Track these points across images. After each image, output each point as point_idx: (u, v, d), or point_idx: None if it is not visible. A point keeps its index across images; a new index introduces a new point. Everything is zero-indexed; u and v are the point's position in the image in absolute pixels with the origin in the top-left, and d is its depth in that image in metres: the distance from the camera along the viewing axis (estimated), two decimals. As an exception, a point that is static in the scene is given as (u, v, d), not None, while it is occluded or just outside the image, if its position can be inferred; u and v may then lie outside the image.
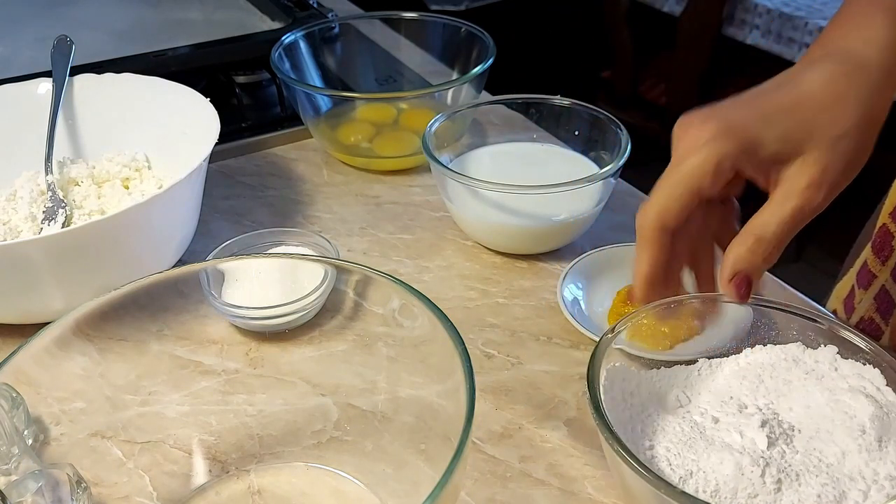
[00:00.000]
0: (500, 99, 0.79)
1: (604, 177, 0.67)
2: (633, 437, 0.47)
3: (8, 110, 0.74)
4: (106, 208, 0.70)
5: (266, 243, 0.67)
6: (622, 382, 0.49)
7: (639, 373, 0.51)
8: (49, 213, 0.68)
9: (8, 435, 0.44)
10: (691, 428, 0.47)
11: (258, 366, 0.54)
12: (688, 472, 0.44)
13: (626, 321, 0.50)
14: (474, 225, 0.70)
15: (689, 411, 0.48)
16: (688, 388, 0.50)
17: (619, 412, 0.48)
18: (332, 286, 0.56)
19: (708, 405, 0.48)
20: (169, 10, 1.07)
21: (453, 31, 0.90)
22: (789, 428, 0.46)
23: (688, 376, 0.51)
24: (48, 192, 0.70)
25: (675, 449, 0.46)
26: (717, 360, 0.52)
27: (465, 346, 0.42)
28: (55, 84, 0.75)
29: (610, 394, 0.48)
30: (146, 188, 0.72)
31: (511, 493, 0.51)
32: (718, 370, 0.51)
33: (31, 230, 0.67)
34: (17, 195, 0.70)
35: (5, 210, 0.69)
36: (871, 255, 0.68)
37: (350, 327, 0.54)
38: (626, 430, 0.47)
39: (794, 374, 0.50)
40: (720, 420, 0.47)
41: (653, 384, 0.50)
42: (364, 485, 0.50)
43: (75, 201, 0.70)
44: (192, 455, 0.51)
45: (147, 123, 0.74)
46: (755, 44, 1.85)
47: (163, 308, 0.51)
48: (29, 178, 0.72)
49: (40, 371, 0.45)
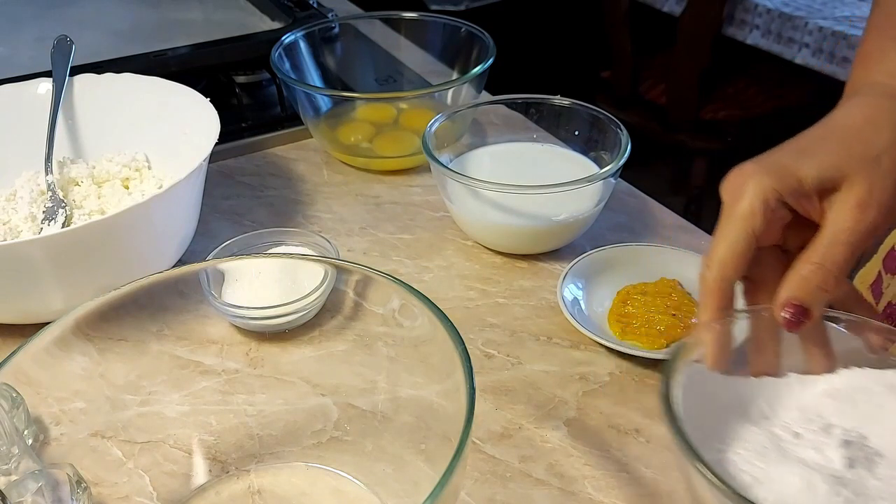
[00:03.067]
0: (500, 99, 0.79)
1: (604, 177, 0.67)
2: (704, 438, 0.44)
3: (8, 110, 0.74)
4: (106, 208, 0.70)
5: (266, 243, 0.67)
6: (702, 384, 0.46)
7: (724, 378, 0.48)
8: (49, 213, 0.68)
9: (8, 435, 0.44)
10: (767, 438, 0.45)
11: (258, 366, 0.54)
12: (754, 479, 0.43)
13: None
14: (474, 225, 0.70)
15: (769, 423, 0.46)
16: (773, 400, 0.48)
17: (694, 412, 0.45)
18: (332, 286, 0.56)
19: (791, 420, 0.46)
20: (169, 10, 1.07)
21: (453, 31, 0.91)
22: (874, 453, 0.44)
23: (775, 388, 0.48)
24: (48, 192, 0.70)
25: (746, 455, 0.44)
26: (808, 377, 0.49)
27: (465, 346, 0.42)
28: (55, 84, 0.75)
29: (688, 394, 0.45)
30: (146, 188, 0.72)
31: (511, 493, 0.51)
32: (809, 387, 0.48)
33: (32, 230, 0.67)
34: (18, 195, 0.70)
35: (5, 210, 0.69)
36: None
37: (350, 327, 0.54)
38: (697, 431, 0.44)
39: (890, 400, 0.47)
40: (801, 436, 0.45)
41: (735, 390, 0.48)
42: (364, 485, 0.50)
43: (75, 201, 0.70)
44: (192, 455, 0.51)
45: (147, 123, 0.74)
46: (755, 44, 1.85)
47: (163, 308, 0.51)
48: (29, 178, 0.72)
49: (40, 371, 0.45)
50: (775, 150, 0.49)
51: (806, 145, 0.48)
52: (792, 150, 0.48)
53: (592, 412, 0.56)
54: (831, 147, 0.47)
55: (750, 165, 0.47)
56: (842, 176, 0.46)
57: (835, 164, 0.46)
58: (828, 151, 0.47)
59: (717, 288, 0.47)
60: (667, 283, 0.63)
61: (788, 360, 0.49)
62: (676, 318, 0.60)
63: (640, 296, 0.62)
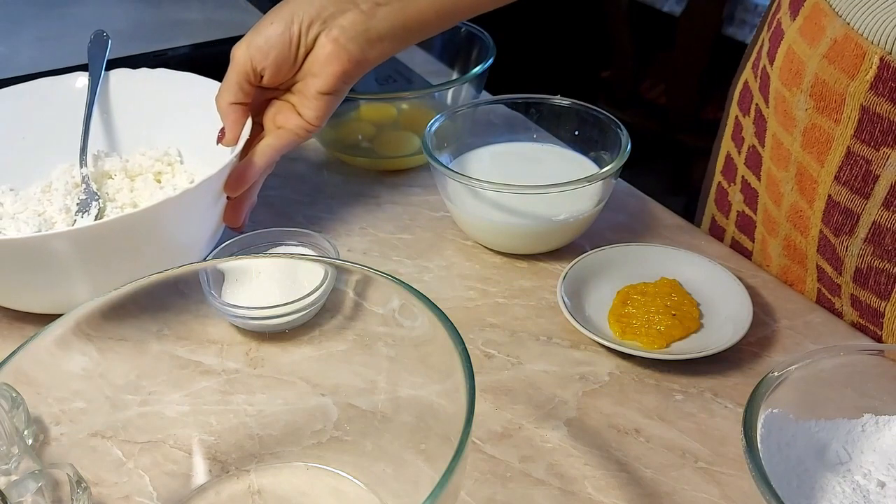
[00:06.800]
0: (500, 99, 0.79)
1: (604, 177, 0.67)
2: (790, 493, 0.44)
3: (45, 104, 0.75)
4: (138, 201, 0.70)
5: (266, 243, 0.67)
6: (779, 432, 0.46)
7: (797, 422, 0.47)
8: (83, 205, 0.69)
9: (8, 435, 0.44)
10: (853, 491, 0.44)
11: (258, 366, 0.54)
12: None
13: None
14: (474, 225, 0.70)
15: (849, 469, 0.46)
16: (849, 443, 0.47)
17: (775, 464, 0.44)
18: (332, 286, 0.56)
19: (872, 466, 0.46)
20: (169, 10, 1.07)
21: (453, 31, 0.90)
22: None
23: (850, 431, 0.48)
24: (82, 185, 0.71)
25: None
26: (884, 418, 0.48)
27: (465, 346, 0.42)
28: (91, 78, 0.76)
29: (766, 443, 0.44)
30: (178, 182, 0.73)
31: (511, 493, 0.51)
32: (886, 428, 0.47)
33: (65, 221, 0.68)
34: (53, 187, 0.72)
35: (41, 201, 0.70)
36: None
37: (350, 327, 0.54)
38: (783, 485, 0.44)
39: None
40: (887, 485, 0.45)
41: (811, 435, 0.47)
42: (364, 485, 0.50)
43: (108, 194, 0.71)
44: (192, 455, 0.51)
45: (180, 118, 0.75)
46: (755, 44, 1.85)
47: (163, 308, 0.51)
48: (64, 170, 0.73)
49: (40, 371, 0.45)
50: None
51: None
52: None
53: (592, 412, 0.56)
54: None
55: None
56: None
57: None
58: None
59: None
60: (667, 283, 0.63)
61: (862, 402, 0.49)
62: (676, 318, 0.61)
63: (640, 296, 0.62)
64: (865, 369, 0.49)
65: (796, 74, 0.62)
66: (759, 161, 0.70)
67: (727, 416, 0.56)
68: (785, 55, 0.63)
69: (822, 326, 0.63)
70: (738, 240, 0.76)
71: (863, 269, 0.61)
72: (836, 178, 0.60)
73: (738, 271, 0.66)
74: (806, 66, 0.60)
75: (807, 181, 0.63)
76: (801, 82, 0.61)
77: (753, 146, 0.71)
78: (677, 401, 0.57)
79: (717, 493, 0.51)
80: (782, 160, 0.65)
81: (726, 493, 0.51)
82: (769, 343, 0.61)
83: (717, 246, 0.72)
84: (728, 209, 0.77)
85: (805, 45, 0.61)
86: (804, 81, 0.60)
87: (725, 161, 0.78)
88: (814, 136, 0.61)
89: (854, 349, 0.49)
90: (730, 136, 0.77)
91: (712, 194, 0.81)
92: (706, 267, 0.65)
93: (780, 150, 0.65)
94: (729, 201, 0.77)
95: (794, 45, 0.62)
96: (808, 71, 0.60)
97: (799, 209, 0.65)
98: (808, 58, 0.60)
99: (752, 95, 0.72)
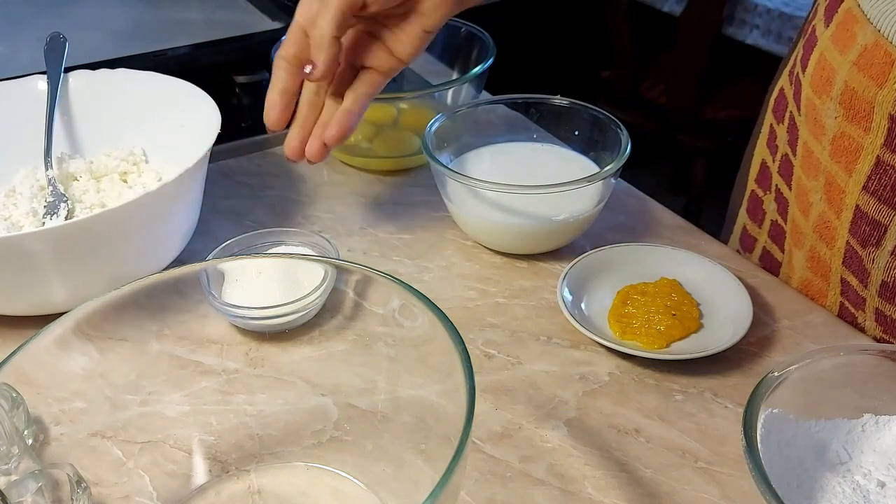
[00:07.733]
0: (500, 99, 0.79)
1: (604, 177, 0.67)
2: (790, 493, 0.44)
3: (5, 108, 0.74)
4: (106, 201, 0.70)
5: (266, 243, 0.67)
6: (779, 432, 0.46)
7: (797, 422, 0.47)
8: (51, 208, 0.68)
9: (8, 435, 0.44)
10: (853, 491, 0.44)
11: (258, 366, 0.54)
12: None
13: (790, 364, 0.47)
14: (474, 225, 0.70)
15: (849, 470, 0.46)
16: (849, 443, 0.47)
17: (775, 464, 0.44)
18: (332, 286, 0.56)
19: (872, 466, 0.46)
20: (169, 10, 1.07)
21: (453, 31, 0.90)
22: None
23: (850, 431, 0.48)
24: (49, 187, 0.70)
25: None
26: (884, 418, 0.48)
27: (465, 346, 0.42)
28: (50, 80, 0.75)
29: (766, 443, 0.44)
30: (146, 181, 0.72)
31: (511, 493, 0.51)
32: (886, 428, 0.47)
33: (34, 224, 0.67)
34: (17, 191, 0.71)
35: (6, 206, 0.70)
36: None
37: (350, 327, 0.54)
38: (783, 485, 0.43)
39: None
40: (887, 485, 0.45)
41: (811, 435, 0.47)
42: (364, 485, 0.50)
43: (75, 196, 0.71)
44: (192, 455, 0.51)
45: (144, 118, 0.74)
46: (755, 44, 1.85)
47: (163, 308, 0.51)
48: (27, 174, 0.72)
49: (40, 371, 0.45)
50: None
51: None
52: None
53: (592, 412, 0.56)
54: None
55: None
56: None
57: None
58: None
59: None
60: (667, 283, 0.63)
61: (863, 402, 0.49)
62: (676, 318, 0.61)
63: (640, 296, 0.62)
64: (865, 369, 0.49)
65: (827, 82, 0.61)
66: (791, 170, 0.69)
67: (727, 416, 0.56)
68: (816, 62, 0.62)
69: (822, 326, 0.63)
70: (769, 250, 0.75)
71: (889, 282, 0.60)
72: (864, 188, 0.59)
73: (738, 271, 0.66)
74: (836, 74, 0.59)
75: (834, 191, 0.62)
76: (830, 90, 0.60)
77: (786, 154, 0.70)
78: (677, 401, 0.57)
79: (717, 493, 0.51)
80: (812, 169, 0.64)
81: (726, 493, 0.51)
82: (769, 343, 0.61)
83: (717, 246, 0.72)
84: (762, 218, 0.76)
85: (836, 53, 0.60)
86: (834, 89, 0.59)
87: (760, 169, 0.76)
88: (843, 145, 0.60)
89: (854, 349, 0.49)
90: (765, 144, 0.76)
91: (745, 203, 0.79)
92: (706, 267, 0.65)
93: (811, 158, 0.64)
94: (763, 209, 0.75)
95: (826, 52, 0.61)
96: (838, 78, 0.59)
97: (826, 220, 0.63)
98: (839, 65, 0.59)
99: (787, 103, 0.70)
